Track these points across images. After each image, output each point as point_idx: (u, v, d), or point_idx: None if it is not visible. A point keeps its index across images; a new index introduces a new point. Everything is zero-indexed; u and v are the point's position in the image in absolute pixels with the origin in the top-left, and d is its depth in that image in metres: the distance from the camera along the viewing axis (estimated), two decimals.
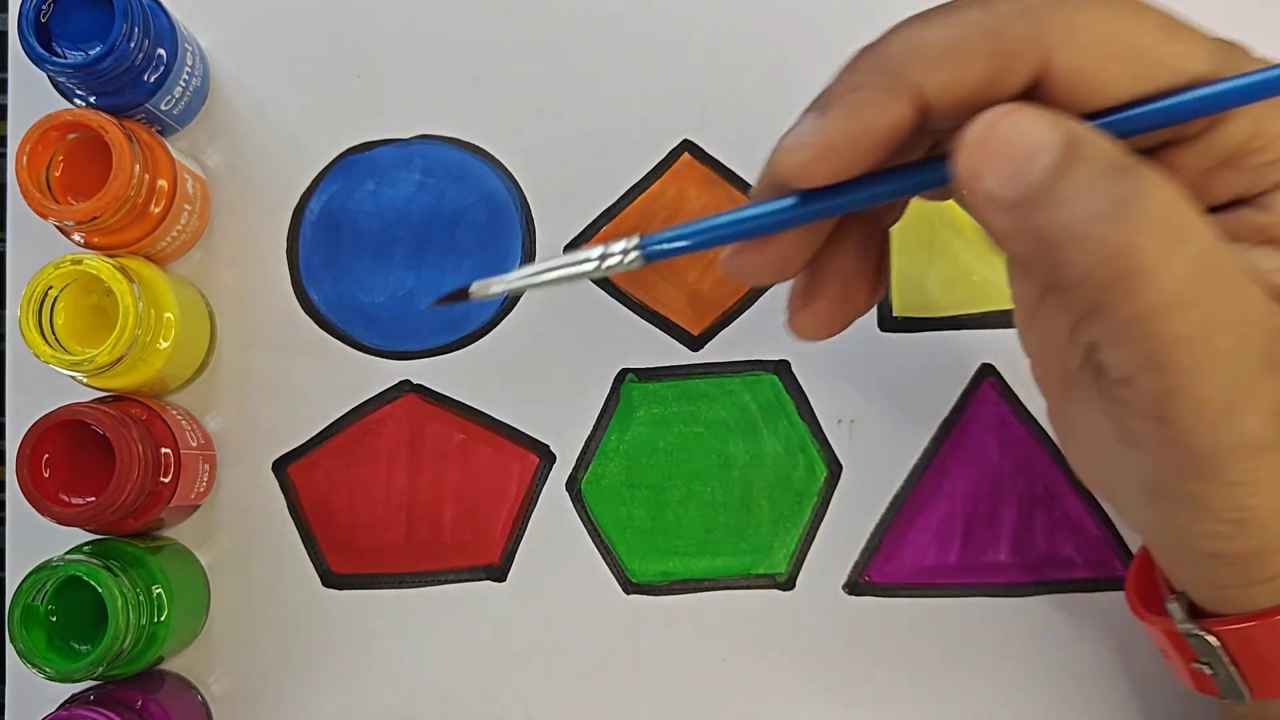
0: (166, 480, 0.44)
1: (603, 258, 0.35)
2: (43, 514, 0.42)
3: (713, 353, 0.49)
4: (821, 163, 0.30)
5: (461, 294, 0.37)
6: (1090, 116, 0.30)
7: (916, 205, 0.49)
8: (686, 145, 0.49)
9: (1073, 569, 0.47)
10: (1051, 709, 0.47)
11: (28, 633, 0.41)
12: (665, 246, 0.35)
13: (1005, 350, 0.48)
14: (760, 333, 0.49)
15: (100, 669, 0.41)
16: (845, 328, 0.35)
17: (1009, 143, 0.28)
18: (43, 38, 0.43)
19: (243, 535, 0.48)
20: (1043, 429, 0.48)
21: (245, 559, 0.48)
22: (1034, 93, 0.29)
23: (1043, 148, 0.28)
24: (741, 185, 0.49)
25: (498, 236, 0.49)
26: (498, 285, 0.36)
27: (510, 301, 0.49)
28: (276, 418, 0.48)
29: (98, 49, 0.42)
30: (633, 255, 0.35)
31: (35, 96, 0.48)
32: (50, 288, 0.42)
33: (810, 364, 0.48)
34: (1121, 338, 0.29)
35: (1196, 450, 0.29)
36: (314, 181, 0.49)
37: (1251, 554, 0.32)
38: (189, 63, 0.47)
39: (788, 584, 0.48)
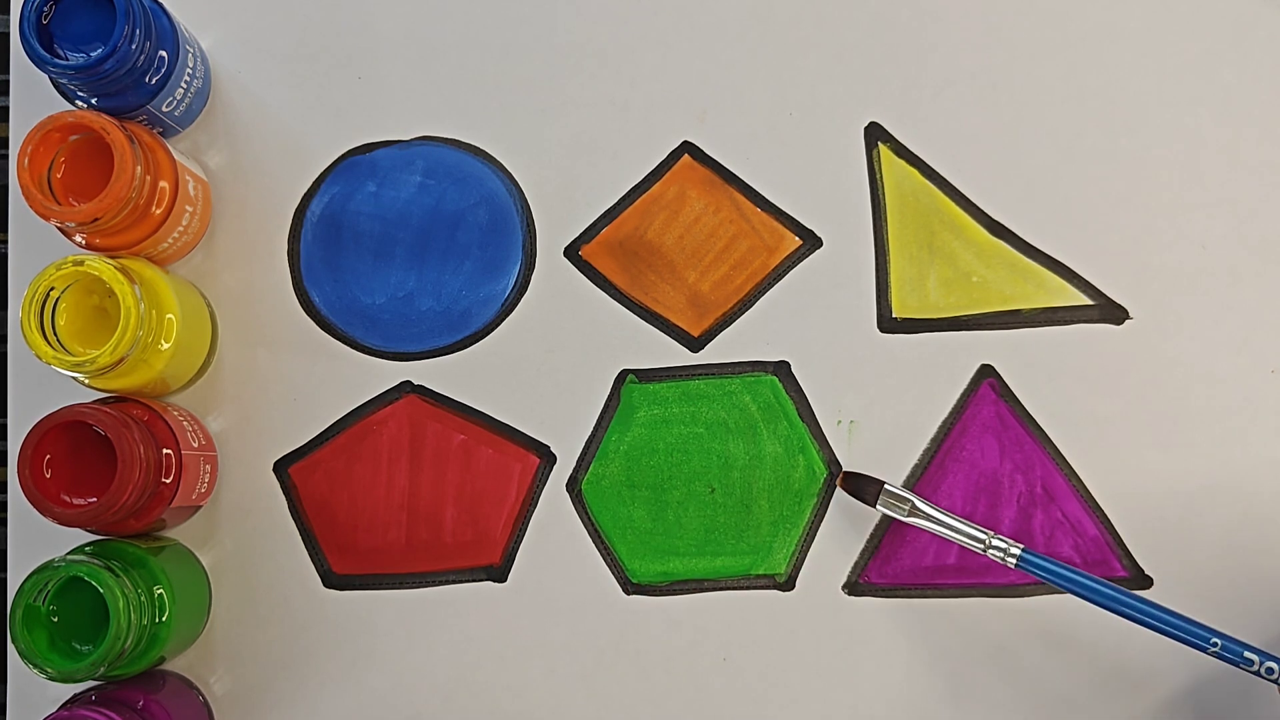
0: (168, 481, 0.44)
1: (987, 546, 0.44)
2: (44, 515, 0.42)
3: (713, 353, 0.49)
4: None
5: (873, 486, 0.46)
6: None
7: (916, 205, 0.49)
8: (687, 146, 0.49)
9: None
10: (1051, 709, 0.47)
11: (29, 633, 0.41)
12: (1040, 571, 0.43)
13: (1005, 350, 0.48)
14: (760, 333, 0.49)
15: (102, 669, 0.41)
16: None
17: None
18: (44, 39, 0.43)
19: (244, 536, 0.48)
20: (1042, 429, 0.48)
21: (246, 559, 0.48)
22: None
23: None
24: (741, 186, 0.49)
25: (498, 237, 0.49)
26: (906, 505, 0.45)
27: (510, 303, 0.49)
28: (278, 418, 0.49)
29: (99, 51, 0.42)
30: (1011, 561, 0.44)
31: (37, 98, 0.48)
32: (52, 289, 0.42)
33: (810, 365, 0.49)
34: None
35: None
36: (315, 183, 0.49)
37: None
38: (190, 64, 0.47)
39: (788, 584, 0.48)
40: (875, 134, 0.49)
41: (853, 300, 0.49)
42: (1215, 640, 0.41)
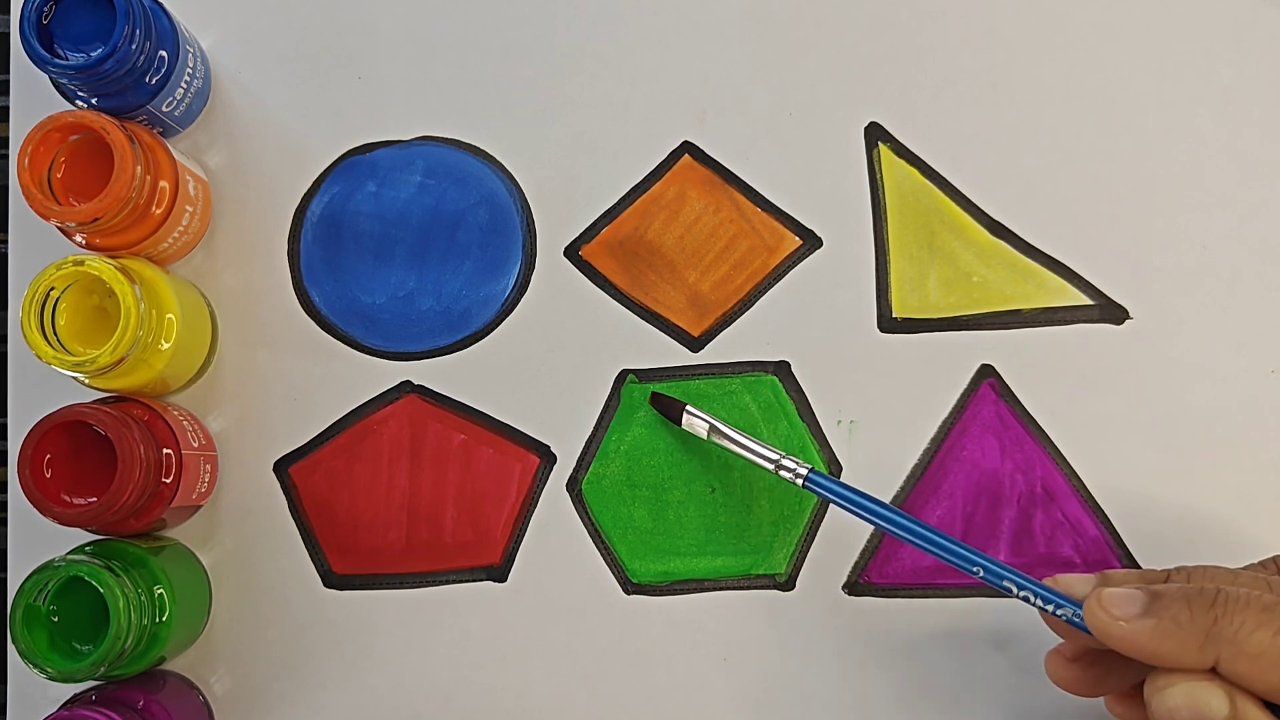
0: (168, 481, 0.44)
1: (778, 466, 0.45)
2: (44, 514, 0.42)
3: (713, 353, 0.49)
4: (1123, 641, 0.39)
5: (675, 406, 0.47)
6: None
7: (916, 205, 0.49)
8: (687, 146, 0.49)
9: (1071, 569, 0.48)
10: (1050, 708, 0.47)
11: (29, 633, 0.41)
12: (824, 492, 0.44)
13: (1005, 350, 0.48)
14: (760, 333, 0.49)
15: (102, 669, 0.41)
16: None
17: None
18: (44, 39, 0.43)
19: (244, 536, 0.48)
20: (1042, 429, 0.48)
21: (247, 559, 0.48)
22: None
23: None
24: (741, 186, 0.49)
25: (498, 237, 0.49)
26: (705, 426, 0.46)
27: (510, 303, 0.49)
28: (278, 418, 0.49)
29: (99, 51, 0.42)
30: (799, 480, 0.44)
31: (37, 98, 0.49)
32: (52, 289, 0.42)
33: (810, 365, 0.49)
34: None
35: None
36: (315, 183, 0.49)
37: None
38: (190, 64, 0.47)
39: (788, 584, 0.48)
40: (875, 134, 0.49)
41: (853, 300, 0.49)
42: (978, 567, 0.42)
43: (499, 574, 0.48)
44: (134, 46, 0.43)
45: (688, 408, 0.47)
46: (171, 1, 0.47)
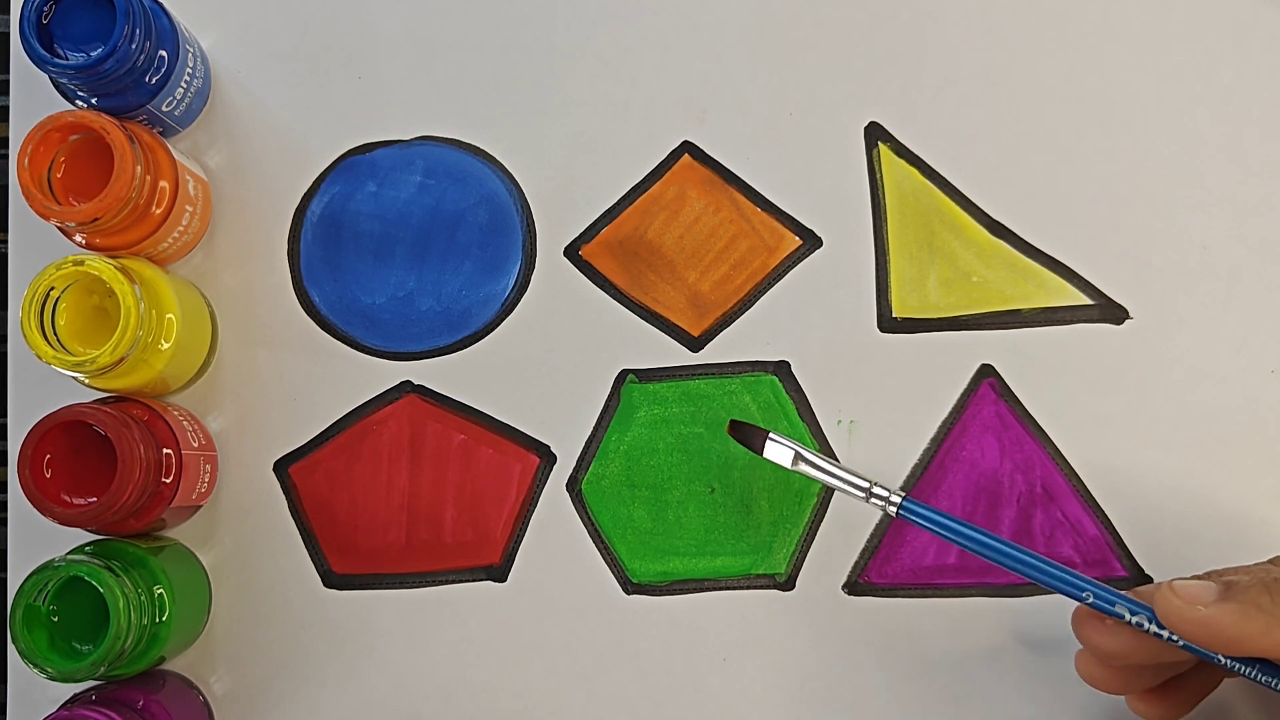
0: (168, 481, 0.44)
1: (869, 495, 0.43)
2: (44, 514, 0.42)
3: (713, 353, 0.49)
4: (1198, 628, 0.39)
5: (758, 434, 0.45)
6: None
7: (916, 205, 0.49)
8: (687, 146, 0.49)
9: (1071, 569, 0.47)
10: (1050, 709, 0.47)
11: (29, 633, 0.41)
12: (920, 520, 0.43)
13: (1005, 350, 0.48)
14: (760, 333, 0.49)
15: (102, 669, 0.41)
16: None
17: None
18: (44, 39, 0.44)
19: (244, 536, 0.48)
20: (1042, 429, 0.48)
21: (247, 559, 0.48)
22: None
23: None
24: (741, 186, 0.49)
25: (498, 237, 0.49)
26: (790, 453, 0.44)
27: (510, 303, 0.49)
28: (278, 418, 0.49)
29: (99, 50, 0.42)
30: (891, 508, 0.43)
31: (37, 98, 0.49)
32: (52, 289, 0.42)
33: (810, 365, 0.49)
34: None
35: None
36: (315, 183, 0.49)
37: None
38: (190, 64, 0.47)
39: (788, 584, 0.48)
40: (875, 134, 0.49)
41: (853, 300, 0.49)
42: (1088, 593, 0.41)
43: (499, 574, 0.48)
44: (134, 46, 0.43)
45: (771, 435, 0.44)
46: (171, 1, 0.47)
